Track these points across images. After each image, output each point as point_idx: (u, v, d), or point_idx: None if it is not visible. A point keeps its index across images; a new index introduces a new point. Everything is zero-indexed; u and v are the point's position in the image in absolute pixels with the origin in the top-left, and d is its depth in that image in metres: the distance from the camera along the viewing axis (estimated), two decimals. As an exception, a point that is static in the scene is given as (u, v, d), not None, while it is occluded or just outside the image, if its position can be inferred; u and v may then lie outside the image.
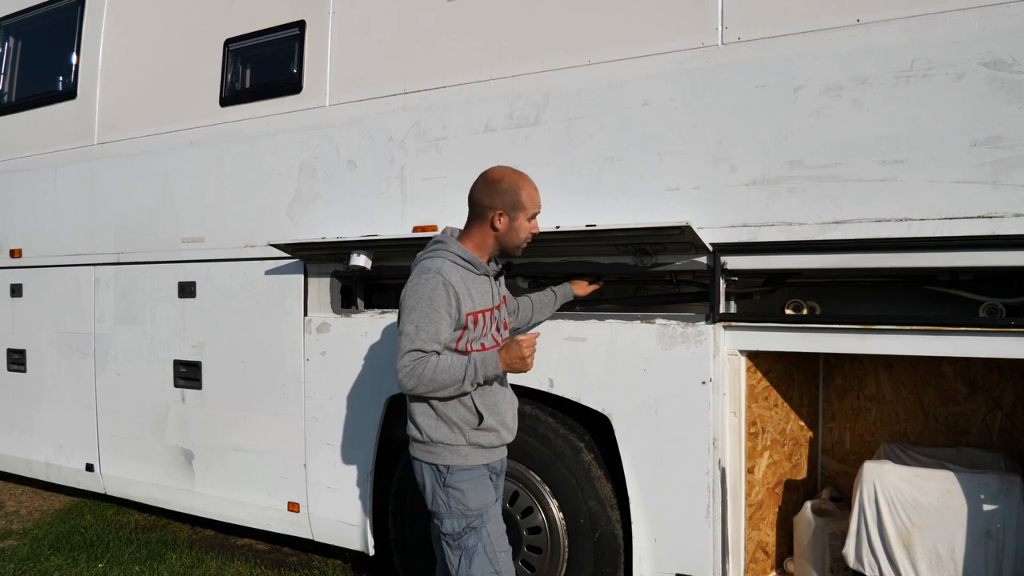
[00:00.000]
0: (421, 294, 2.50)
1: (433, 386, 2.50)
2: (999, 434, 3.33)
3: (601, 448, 3.17)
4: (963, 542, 2.78)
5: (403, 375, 2.49)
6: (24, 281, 5.11)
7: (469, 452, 2.61)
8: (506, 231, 2.62)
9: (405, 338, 2.50)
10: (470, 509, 2.60)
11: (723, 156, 2.86)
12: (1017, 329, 2.49)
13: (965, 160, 2.49)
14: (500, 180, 2.61)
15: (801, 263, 2.79)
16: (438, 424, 2.60)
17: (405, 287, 2.57)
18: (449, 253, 2.59)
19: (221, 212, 4.18)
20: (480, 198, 2.62)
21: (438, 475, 2.61)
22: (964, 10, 2.49)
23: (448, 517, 2.61)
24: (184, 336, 4.32)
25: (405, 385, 2.50)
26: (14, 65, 5.28)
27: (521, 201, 2.60)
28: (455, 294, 2.51)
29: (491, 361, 2.56)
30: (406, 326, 2.51)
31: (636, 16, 3.04)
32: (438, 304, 2.49)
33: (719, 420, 2.88)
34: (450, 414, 2.59)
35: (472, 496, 2.60)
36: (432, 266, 2.54)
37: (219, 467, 4.24)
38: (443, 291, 2.49)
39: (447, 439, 2.59)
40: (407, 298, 2.53)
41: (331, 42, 3.80)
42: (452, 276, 2.53)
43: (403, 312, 2.54)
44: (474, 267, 2.61)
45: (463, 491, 2.59)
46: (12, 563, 4.38)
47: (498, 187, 2.59)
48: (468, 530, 2.60)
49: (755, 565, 3.17)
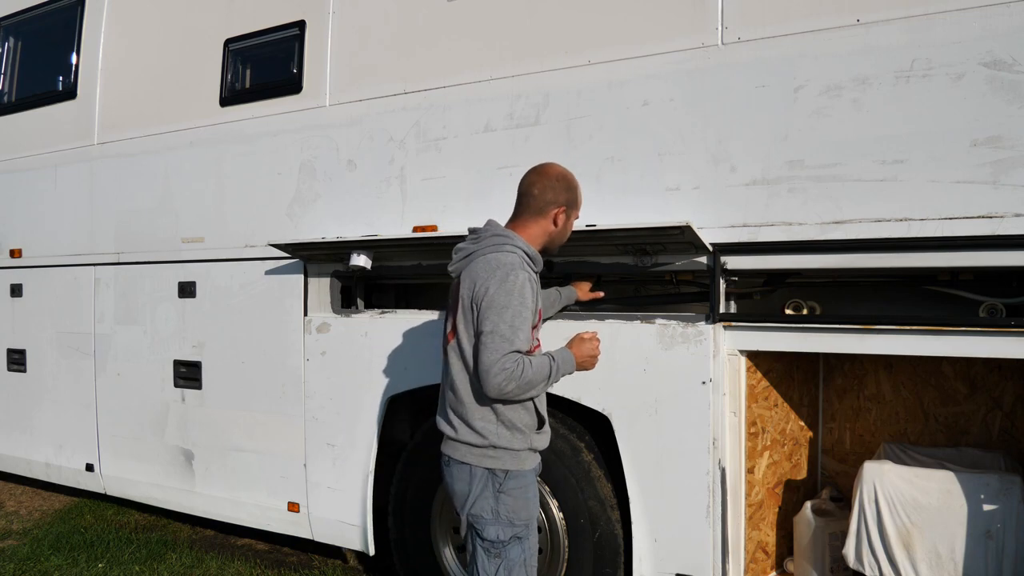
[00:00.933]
0: (513, 291, 2.36)
1: (526, 388, 2.38)
2: (999, 434, 3.33)
3: (601, 448, 3.16)
4: (963, 542, 2.78)
5: (503, 379, 2.33)
6: (24, 281, 5.11)
7: (527, 457, 2.52)
8: (562, 228, 2.59)
9: (500, 339, 2.34)
10: (520, 519, 2.49)
11: (723, 156, 2.86)
12: (1017, 329, 2.49)
13: (965, 160, 2.49)
14: (565, 177, 2.57)
15: (801, 263, 2.79)
16: (500, 429, 2.46)
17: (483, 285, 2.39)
18: (519, 249, 2.48)
19: (221, 212, 4.18)
20: (542, 193, 2.53)
21: (493, 480, 2.47)
22: (964, 10, 2.49)
23: (494, 524, 2.48)
24: (184, 336, 4.32)
25: (503, 388, 2.34)
26: (14, 65, 5.28)
27: (578, 201, 2.62)
28: (536, 290, 2.45)
29: (568, 359, 2.52)
30: (499, 326, 2.34)
31: (636, 16, 3.04)
32: (528, 302, 2.39)
33: (719, 420, 2.88)
34: (513, 418, 2.47)
35: (524, 505, 2.50)
36: (514, 262, 2.41)
37: (219, 467, 4.24)
38: (530, 289, 2.41)
39: (510, 444, 2.47)
40: (497, 295, 2.36)
41: (331, 42, 3.80)
42: (531, 275, 2.45)
43: (492, 311, 2.36)
44: (535, 264, 2.53)
45: (516, 499, 2.49)
46: (12, 563, 4.38)
47: (564, 183, 2.55)
48: (514, 540, 2.49)
49: (755, 565, 3.17)
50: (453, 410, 2.52)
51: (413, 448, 3.62)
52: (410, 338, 3.52)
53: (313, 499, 3.88)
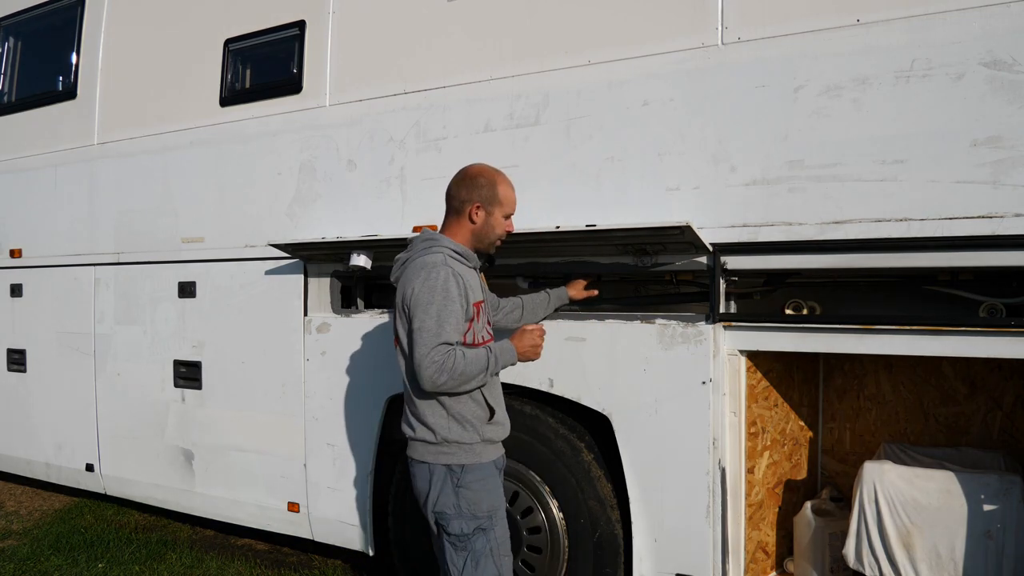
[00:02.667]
0: (435, 287, 2.48)
1: (461, 379, 2.48)
2: (999, 434, 3.33)
3: (601, 448, 3.16)
4: (963, 542, 2.78)
5: (433, 371, 2.43)
6: (24, 281, 5.11)
7: (482, 449, 2.61)
8: (482, 225, 2.65)
9: (427, 334, 2.45)
10: (481, 510, 2.57)
11: (723, 156, 2.86)
12: (1017, 329, 2.49)
13: (965, 160, 2.49)
14: (479, 175, 2.66)
15: (801, 263, 2.79)
16: (450, 423, 2.57)
17: (410, 287, 2.53)
18: (445, 248, 2.59)
19: (221, 212, 4.18)
20: (458, 192, 2.66)
21: (451, 476, 2.57)
22: (964, 10, 2.49)
23: (457, 518, 2.57)
24: (184, 336, 4.32)
25: (436, 381, 2.44)
26: (14, 65, 5.28)
27: (497, 196, 2.65)
28: (464, 284, 2.53)
29: (508, 350, 2.61)
30: (426, 321, 2.46)
31: (636, 16, 3.04)
32: (453, 295, 2.49)
33: (719, 420, 2.88)
34: (463, 411, 2.57)
35: (484, 497, 2.58)
36: (437, 260, 2.53)
37: (219, 467, 4.24)
38: (455, 282, 2.50)
39: (462, 438, 2.57)
40: (420, 294, 2.48)
41: (331, 42, 3.80)
42: (458, 269, 2.55)
43: (418, 309, 2.48)
44: (466, 260, 2.63)
45: (476, 492, 2.57)
46: (12, 563, 4.38)
47: (476, 181, 2.64)
48: (478, 532, 2.57)
49: (755, 565, 3.17)
50: (409, 410, 2.65)
51: (413, 448, 3.62)
52: (410, 338, 3.52)
53: (313, 499, 3.88)
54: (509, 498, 3.32)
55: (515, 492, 3.32)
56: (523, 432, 3.27)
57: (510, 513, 3.30)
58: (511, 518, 3.29)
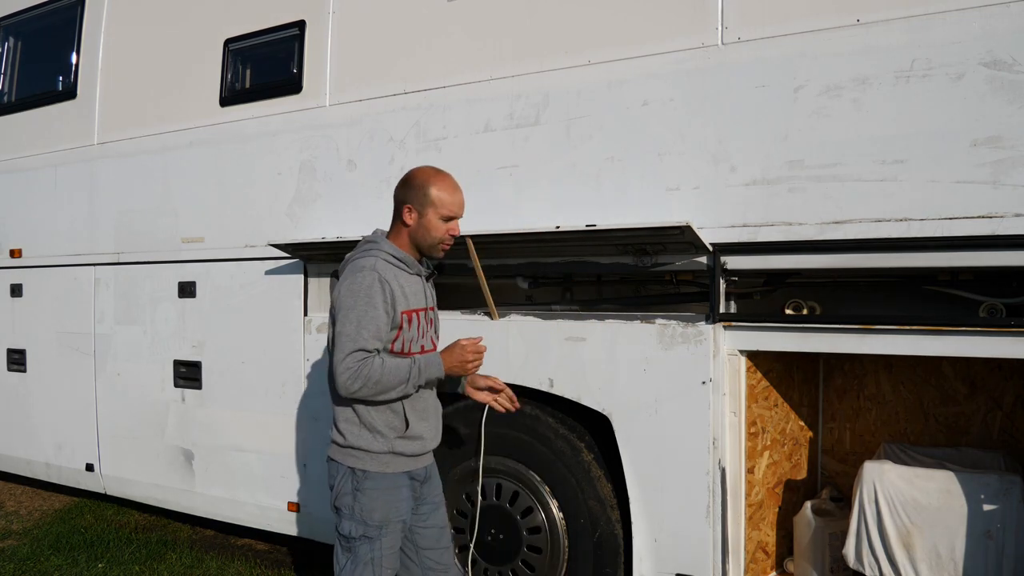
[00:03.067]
0: (358, 292, 2.46)
1: (378, 388, 2.46)
2: (999, 434, 3.33)
3: (601, 448, 3.16)
4: (963, 542, 2.78)
5: (347, 377, 2.42)
6: (24, 281, 5.11)
7: (390, 460, 2.58)
8: (416, 227, 2.59)
9: (345, 338, 2.44)
10: (372, 519, 2.55)
11: (723, 156, 2.86)
12: (1017, 329, 2.49)
13: (965, 160, 2.49)
14: (414, 177, 2.62)
15: (801, 263, 2.79)
16: (361, 430, 2.56)
17: (338, 287, 2.53)
18: (382, 252, 2.57)
19: (221, 212, 4.18)
20: (396, 194, 2.65)
21: (353, 478, 2.56)
22: (964, 10, 2.49)
23: (349, 519, 2.57)
24: (184, 336, 4.32)
25: (349, 388, 2.44)
26: (14, 65, 5.28)
27: (430, 197, 2.56)
28: (390, 291, 2.49)
29: (434, 363, 2.55)
30: (345, 326, 2.45)
31: (636, 16, 3.04)
32: (376, 301, 2.46)
33: (719, 420, 2.88)
34: (375, 421, 2.55)
35: (379, 507, 2.56)
36: (366, 264, 2.52)
37: (219, 467, 4.24)
38: (379, 288, 2.47)
39: (369, 446, 2.55)
40: (343, 298, 2.48)
41: (331, 42, 3.80)
42: (386, 273, 2.51)
43: (340, 312, 2.48)
44: (406, 265, 2.59)
45: (372, 500, 2.55)
46: (12, 563, 4.38)
47: (410, 183, 2.61)
48: (363, 539, 2.55)
49: (755, 565, 3.17)
50: (333, 412, 2.64)
51: (413, 448, 3.62)
52: (410, 338, 3.52)
53: (313, 499, 3.88)
54: (509, 498, 3.32)
55: (515, 492, 3.32)
56: (523, 432, 3.27)
57: (510, 513, 3.31)
58: (511, 518, 3.31)
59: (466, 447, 3.40)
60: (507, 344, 3.24)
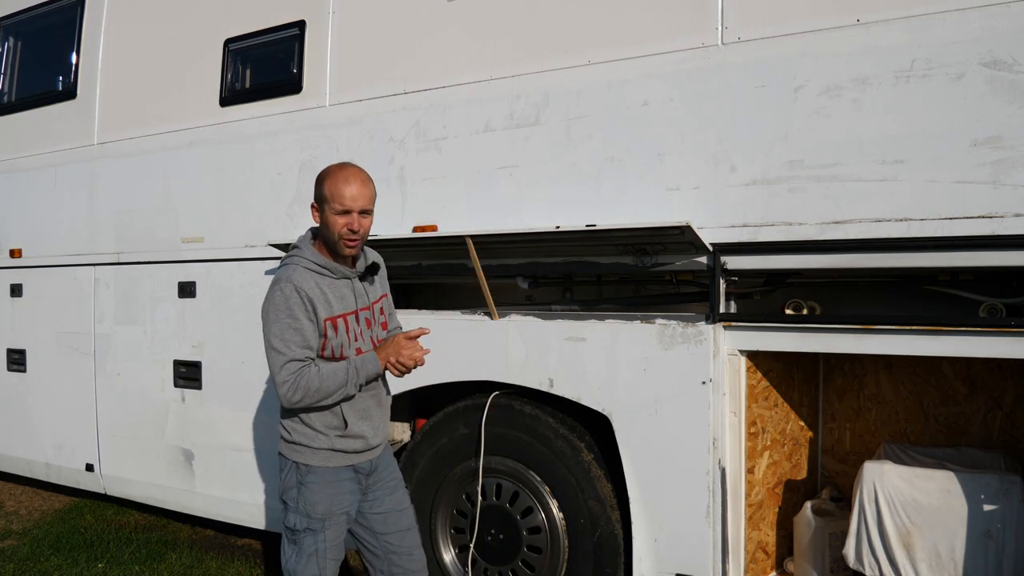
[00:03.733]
0: (278, 305, 2.51)
1: (319, 395, 2.52)
2: (999, 434, 3.33)
3: (601, 448, 3.16)
4: (963, 542, 2.77)
5: (286, 389, 2.48)
6: (24, 281, 5.11)
7: (331, 455, 2.64)
8: (322, 224, 2.59)
9: (275, 355, 2.50)
10: (315, 512, 2.62)
11: (723, 156, 2.86)
12: (1017, 329, 2.49)
13: (965, 160, 2.49)
14: (318, 175, 2.63)
15: (801, 263, 2.79)
16: (302, 427, 2.63)
17: (263, 304, 2.57)
18: (303, 259, 2.58)
19: (221, 212, 4.18)
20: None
21: (297, 472, 2.64)
22: (964, 10, 2.48)
23: (293, 512, 2.65)
24: (184, 336, 4.32)
25: (292, 399, 2.50)
26: (14, 65, 5.28)
27: (324, 192, 2.56)
28: (309, 299, 2.51)
29: (370, 361, 2.59)
30: (272, 340, 2.50)
31: (636, 16, 3.04)
32: (296, 311, 2.49)
33: (719, 420, 2.88)
34: (313, 420, 2.61)
35: (322, 500, 2.62)
36: (283, 275, 2.56)
37: (219, 467, 4.24)
38: (297, 297, 2.50)
39: (310, 442, 2.62)
40: (265, 314, 2.53)
41: (331, 42, 3.80)
42: (304, 282, 2.52)
43: (265, 329, 2.53)
44: (329, 271, 2.59)
45: (314, 493, 2.62)
46: (12, 563, 4.38)
47: (316, 181, 2.62)
48: (307, 531, 2.63)
49: (755, 565, 3.17)
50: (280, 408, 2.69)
51: (412, 448, 3.62)
52: (410, 338, 3.51)
53: (313, 499, 3.88)
54: (509, 498, 3.32)
55: (515, 492, 3.32)
56: (523, 432, 3.27)
57: (510, 513, 3.31)
58: (511, 518, 3.30)
59: (466, 447, 3.40)
60: (507, 344, 3.24)
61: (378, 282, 2.80)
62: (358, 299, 2.67)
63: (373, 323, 2.73)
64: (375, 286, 2.77)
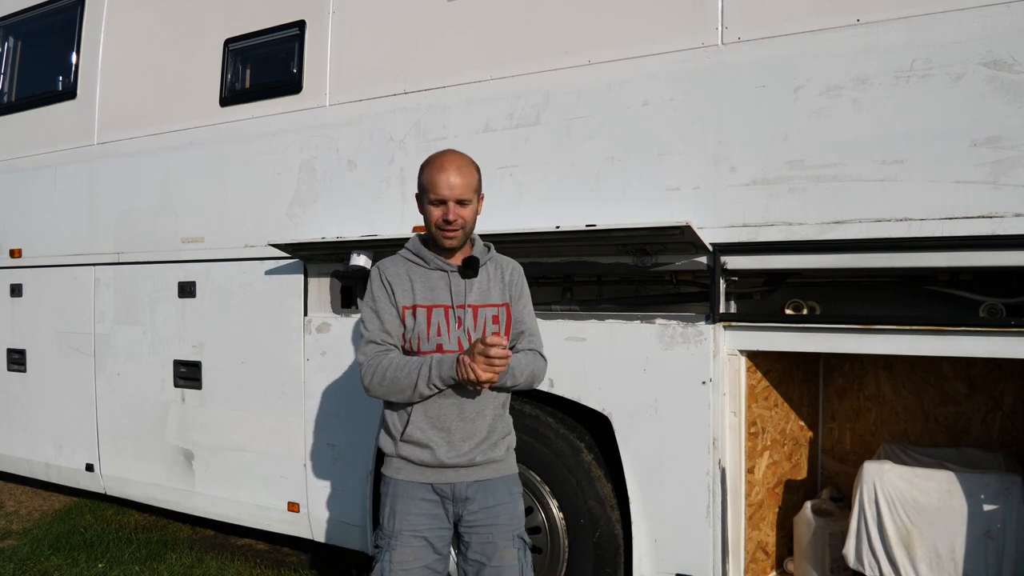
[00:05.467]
0: (368, 289, 2.46)
1: (390, 386, 2.34)
2: (999, 434, 3.33)
3: (601, 448, 3.16)
4: (963, 542, 2.78)
5: (362, 372, 2.37)
6: (24, 281, 5.11)
7: (400, 465, 2.43)
8: (424, 217, 2.45)
9: (361, 336, 2.44)
10: (386, 527, 2.42)
11: (723, 156, 2.86)
12: (1017, 329, 2.49)
13: (965, 160, 2.49)
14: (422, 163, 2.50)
15: (801, 263, 2.79)
16: (383, 433, 2.49)
17: None
18: (404, 249, 2.52)
19: (221, 212, 4.18)
20: None
21: (383, 483, 2.49)
22: (964, 10, 2.49)
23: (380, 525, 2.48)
24: (184, 336, 4.32)
25: (365, 382, 2.36)
26: (14, 65, 5.27)
27: (422, 181, 2.43)
28: (389, 283, 2.43)
29: (447, 362, 2.31)
30: (361, 323, 2.45)
31: (636, 16, 3.04)
32: (378, 296, 2.42)
33: (719, 420, 2.88)
34: (387, 419, 2.46)
35: (390, 514, 2.42)
36: (377, 263, 2.51)
37: (219, 467, 4.24)
38: (379, 281, 2.43)
39: (384, 447, 2.47)
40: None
41: (331, 42, 3.80)
42: (391, 269, 2.45)
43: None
44: (423, 261, 2.46)
45: (386, 505, 2.44)
46: (12, 563, 4.38)
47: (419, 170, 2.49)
48: (377, 547, 2.44)
49: (755, 565, 3.17)
50: None
51: (413, 448, 3.62)
52: (410, 338, 3.51)
53: (313, 499, 3.88)
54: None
55: (515, 492, 3.32)
56: (523, 432, 3.26)
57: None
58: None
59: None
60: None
61: (495, 288, 2.47)
62: (454, 296, 2.42)
63: (468, 326, 2.42)
64: (487, 290, 2.46)
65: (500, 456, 2.47)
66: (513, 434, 2.56)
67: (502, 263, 2.55)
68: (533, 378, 2.48)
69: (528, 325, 2.54)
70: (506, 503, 2.45)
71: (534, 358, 2.48)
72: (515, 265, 2.57)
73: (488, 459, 2.44)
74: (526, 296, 2.56)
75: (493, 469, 2.45)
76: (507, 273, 2.52)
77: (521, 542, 2.47)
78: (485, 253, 2.52)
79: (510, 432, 2.55)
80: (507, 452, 2.51)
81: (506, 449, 2.50)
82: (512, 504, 2.47)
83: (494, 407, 2.47)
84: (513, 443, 2.55)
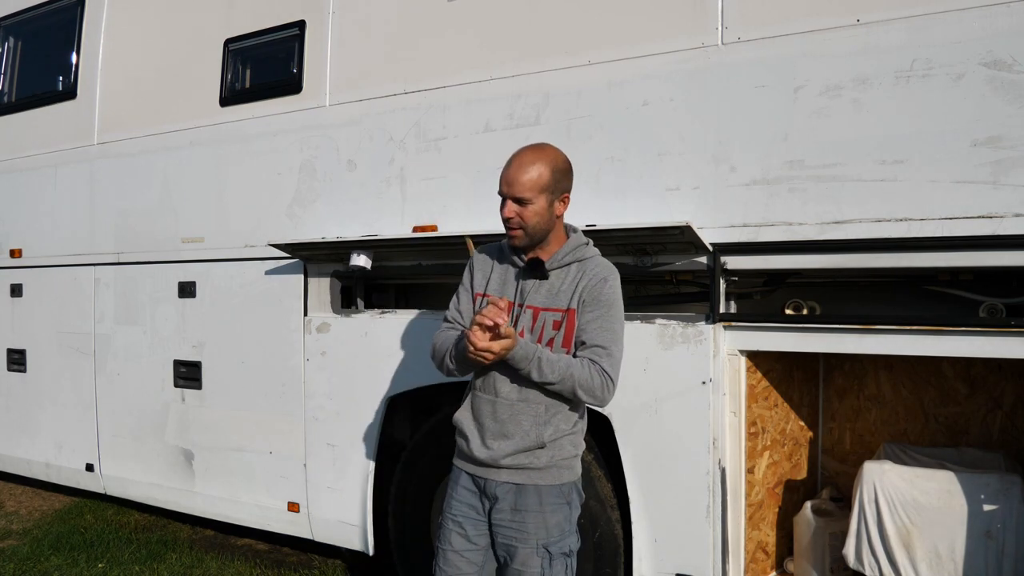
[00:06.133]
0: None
1: (435, 355, 2.46)
2: (999, 434, 3.33)
3: (601, 448, 3.16)
4: (963, 542, 2.78)
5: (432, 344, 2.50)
6: (24, 281, 5.11)
7: (456, 450, 2.51)
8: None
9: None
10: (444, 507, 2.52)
11: (723, 156, 2.86)
12: (1017, 329, 2.49)
13: (965, 160, 2.49)
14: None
15: (801, 263, 2.79)
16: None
17: None
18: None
19: (221, 212, 4.18)
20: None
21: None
22: (964, 10, 2.49)
23: None
24: (184, 336, 4.32)
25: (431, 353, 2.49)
26: (14, 65, 5.27)
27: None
28: (471, 266, 2.53)
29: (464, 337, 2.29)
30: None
31: (636, 16, 3.04)
32: (464, 278, 2.54)
33: (719, 420, 2.88)
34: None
35: (445, 496, 2.51)
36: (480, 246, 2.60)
37: (219, 467, 4.24)
38: (468, 266, 2.55)
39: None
40: None
41: (331, 42, 3.80)
42: (482, 255, 2.53)
43: None
44: (504, 254, 2.47)
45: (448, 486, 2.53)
46: (12, 563, 4.38)
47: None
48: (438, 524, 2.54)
49: (755, 565, 3.17)
50: None
51: (413, 448, 3.62)
52: (410, 338, 3.52)
53: (313, 499, 3.88)
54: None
55: (515, 492, 3.32)
56: (523, 432, 3.27)
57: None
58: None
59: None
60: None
61: (566, 293, 2.36)
62: (516, 294, 2.39)
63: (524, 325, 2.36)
64: (556, 293, 2.37)
65: (539, 465, 2.35)
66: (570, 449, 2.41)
67: (588, 268, 2.37)
68: (575, 384, 2.28)
69: (593, 337, 2.32)
70: (534, 512, 2.35)
71: (584, 366, 2.28)
72: (602, 275, 2.36)
73: (519, 465, 2.35)
74: (603, 308, 2.33)
75: (527, 476, 2.36)
76: (586, 279, 2.35)
77: (546, 552, 2.34)
78: (569, 255, 2.38)
79: (562, 447, 2.38)
80: (550, 463, 2.36)
81: (549, 459, 2.36)
82: (541, 514, 2.35)
83: (535, 415, 2.34)
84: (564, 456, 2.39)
